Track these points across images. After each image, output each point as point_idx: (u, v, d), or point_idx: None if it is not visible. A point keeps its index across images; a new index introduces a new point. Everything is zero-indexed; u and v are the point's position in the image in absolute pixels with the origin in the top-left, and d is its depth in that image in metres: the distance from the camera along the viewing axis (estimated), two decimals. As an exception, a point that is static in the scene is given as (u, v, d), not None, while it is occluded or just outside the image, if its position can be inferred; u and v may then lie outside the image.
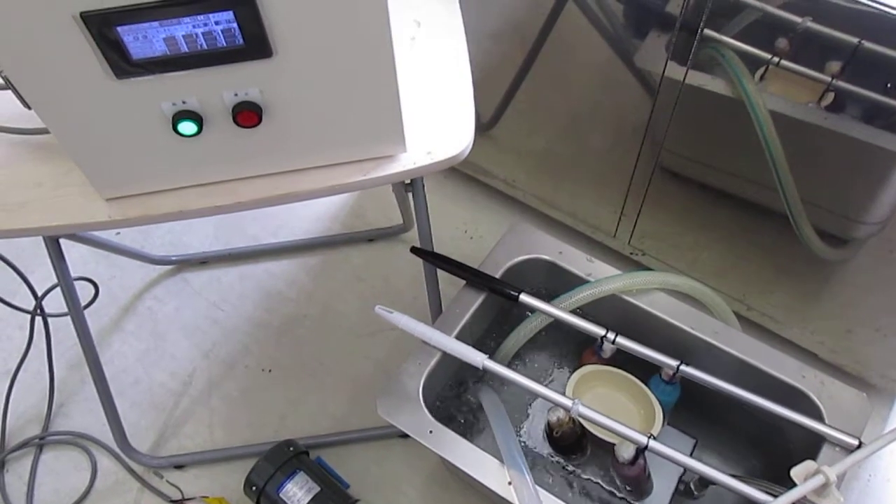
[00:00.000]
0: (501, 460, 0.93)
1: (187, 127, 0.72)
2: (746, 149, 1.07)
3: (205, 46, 0.66)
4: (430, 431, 0.97)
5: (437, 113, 0.87)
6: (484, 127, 1.45)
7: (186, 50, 0.65)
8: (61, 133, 0.72)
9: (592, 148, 1.31)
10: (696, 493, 1.06)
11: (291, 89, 0.72)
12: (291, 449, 1.19)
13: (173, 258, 1.54)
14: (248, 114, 0.71)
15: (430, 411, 0.99)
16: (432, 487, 1.25)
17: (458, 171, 1.60)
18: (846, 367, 1.27)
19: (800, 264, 1.19)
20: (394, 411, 0.98)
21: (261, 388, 1.38)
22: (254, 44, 0.66)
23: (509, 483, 0.91)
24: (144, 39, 0.64)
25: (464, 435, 0.96)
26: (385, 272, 1.51)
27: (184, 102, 0.71)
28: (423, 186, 1.04)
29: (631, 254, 1.42)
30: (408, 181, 1.05)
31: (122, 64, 0.65)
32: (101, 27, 0.62)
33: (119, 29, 0.63)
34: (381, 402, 0.99)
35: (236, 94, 0.71)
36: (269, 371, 1.40)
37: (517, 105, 1.35)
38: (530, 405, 1.21)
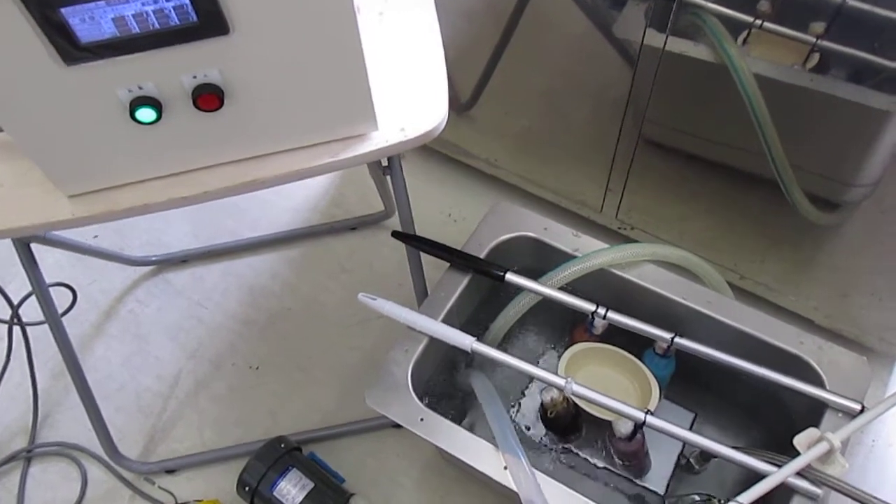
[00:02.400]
0: (496, 445, 0.91)
1: (146, 114, 0.68)
2: (732, 115, 1.04)
3: (157, 25, 0.62)
4: (421, 419, 0.94)
5: (408, 88, 0.83)
6: (463, 107, 1.42)
7: (137, 30, 0.62)
8: (12, 127, 0.69)
9: (574, 123, 1.28)
10: (696, 467, 1.04)
11: (253, 69, 0.69)
12: (283, 446, 1.17)
13: (153, 258, 1.51)
14: (208, 97, 0.68)
15: (421, 398, 0.96)
16: (429, 476, 1.23)
17: (438, 154, 1.57)
18: (844, 332, 1.25)
19: (791, 230, 1.17)
20: (383, 401, 0.96)
21: (249, 386, 1.35)
22: (209, 20, 0.63)
23: (505, 467, 0.88)
24: (91, 21, 0.60)
25: (457, 421, 0.93)
26: (369, 260, 1.48)
27: (140, 88, 0.67)
28: (401, 168, 1.01)
29: (619, 228, 1.40)
30: (385, 163, 1.02)
31: (70, 49, 0.62)
32: (43, 10, 0.59)
33: (63, 11, 0.59)
34: (369, 392, 0.97)
35: (195, 77, 0.68)
36: (257, 368, 1.37)
37: (495, 84, 1.33)
38: (524, 388, 1.19)
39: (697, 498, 0.95)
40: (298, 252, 1.52)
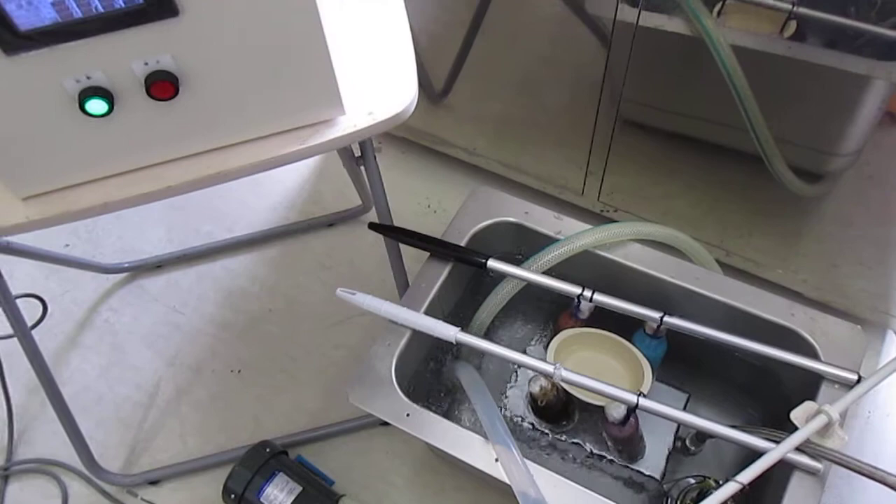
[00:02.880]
0: (486, 437, 0.88)
1: (96, 105, 0.65)
2: (711, 89, 1.02)
3: (100, 9, 0.58)
4: (408, 415, 0.91)
5: (375, 70, 0.80)
6: (438, 96, 1.39)
7: (80, 14, 0.58)
8: (-45, 126, 0.64)
9: (551, 106, 1.26)
10: (692, 448, 1.01)
11: (207, 53, 0.65)
12: (268, 450, 1.13)
13: (126, 265, 1.47)
14: (162, 84, 0.64)
15: (407, 393, 0.93)
16: (421, 473, 1.19)
17: (415, 145, 1.54)
18: (834, 304, 1.23)
19: (776, 204, 1.15)
20: (367, 398, 0.92)
21: (231, 391, 1.31)
22: (156, 2, 0.59)
23: (496, 460, 0.86)
24: (29, 6, 0.56)
25: (445, 415, 0.90)
26: (349, 256, 1.45)
27: (88, 77, 0.63)
28: (375, 157, 0.98)
29: (602, 211, 1.37)
30: (358, 153, 0.99)
31: (9, 37, 0.58)
32: (-25, -4, 0.55)
33: (-3, -4, 0.55)
34: (352, 389, 0.93)
35: (146, 64, 0.64)
36: (238, 372, 1.34)
37: (469, 70, 1.30)
38: (512, 378, 1.16)
39: (693, 481, 0.93)
40: (276, 252, 1.48)
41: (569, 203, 1.40)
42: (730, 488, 0.75)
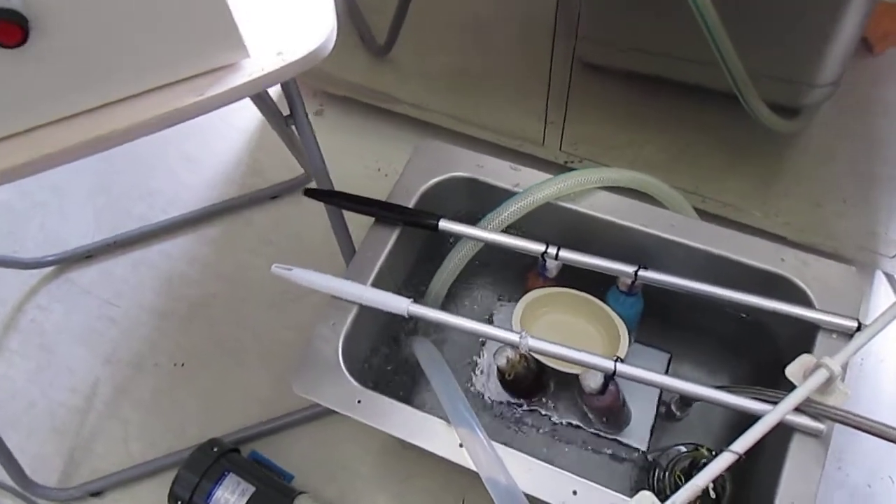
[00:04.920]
0: (448, 420, 0.77)
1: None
2: (676, 23, 0.93)
3: None
4: (359, 401, 0.80)
5: (282, 1, 0.68)
6: (381, 50, 1.28)
7: None
8: None
9: (502, 51, 1.15)
10: (678, 413, 0.93)
11: (60, -17, 0.52)
12: (216, 450, 1.02)
13: (51, 258, 1.33)
14: (5, 26, 0.52)
15: (360, 377, 0.83)
16: (387, 461, 1.10)
17: (359, 104, 1.42)
18: (819, 246, 1.16)
19: (752, 143, 1.07)
20: (312, 386, 0.82)
21: (176, 386, 1.20)
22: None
23: (460, 445, 0.76)
24: None
25: (409, 398, 0.80)
26: (296, 230, 1.33)
27: None
28: (305, 111, 0.86)
29: (566, 162, 1.27)
30: (287, 112, 0.87)
31: None
32: None
33: None
34: (295, 377, 0.83)
35: (-16, 2, 0.51)
36: (182, 365, 1.22)
37: (412, 20, 1.19)
38: (479, 351, 1.05)
39: (684, 449, 0.84)
40: (217, 231, 1.36)
41: (530, 156, 1.30)
42: (725, 459, 0.66)
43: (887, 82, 0.88)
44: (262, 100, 0.86)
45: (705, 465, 0.76)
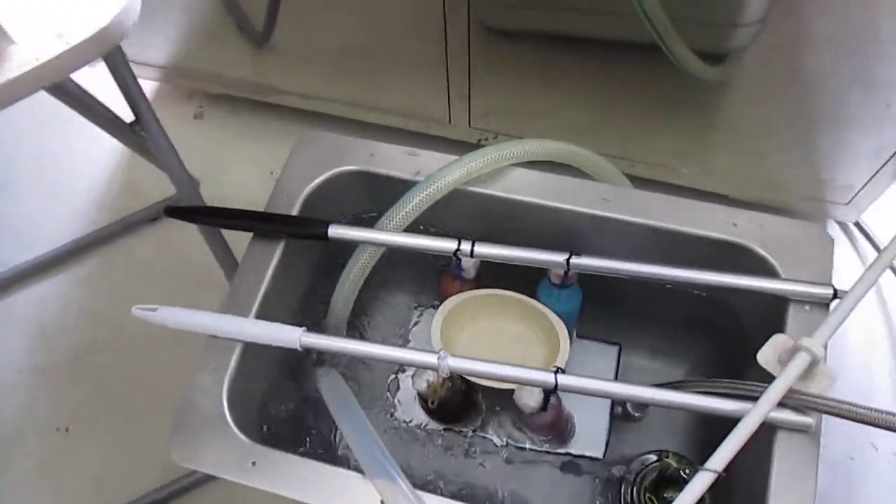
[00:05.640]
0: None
1: None
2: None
3: None
4: (253, 463, 0.65)
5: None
6: (261, 38, 1.13)
7: None
8: None
9: (390, 23, 1.02)
10: (636, 414, 0.80)
11: None
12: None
13: None
14: None
15: (255, 430, 0.68)
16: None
17: (243, 101, 1.26)
18: (765, 201, 1.07)
19: (680, 97, 0.98)
20: (194, 449, 0.66)
21: (62, 454, 1.02)
22: None
23: (381, 502, 0.61)
24: None
25: (328, 444, 0.65)
26: (183, 254, 1.15)
27: None
28: (154, 114, 0.70)
29: (480, 140, 1.14)
30: (132, 118, 0.71)
31: None
32: None
33: None
34: (174, 442, 0.67)
35: None
36: (67, 430, 1.05)
37: (291, 2, 1.04)
38: (402, 367, 0.90)
39: (653, 458, 0.71)
40: (91, 266, 1.17)
41: (440, 138, 1.16)
42: (701, 481, 0.53)
43: (813, 14, 0.80)
44: (84, 105, 0.68)
45: (675, 477, 0.64)
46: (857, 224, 1.11)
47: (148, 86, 1.33)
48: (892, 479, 0.93)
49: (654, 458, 0.71)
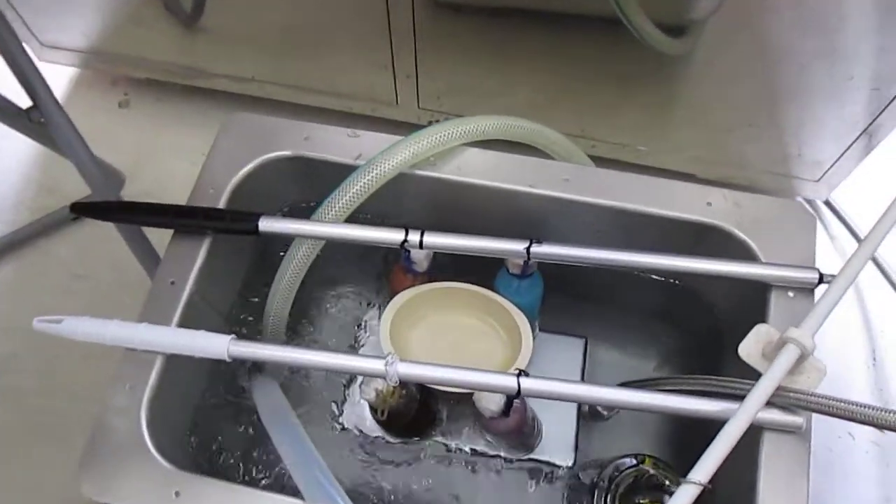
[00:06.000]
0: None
1: None
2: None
3: None
4: (177, 493, 0.57)
5: None
6: (189, 18, 1.05)
7: None
8: None
9: (331, 0, 0.94)
10: (605, 413, 0.74)
11: None
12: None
13: None
14: None
15: (181, 454, 0.60)
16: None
17: (172, 86, 1.17)
18: (734, 180, 1.03)
19: (641, 72, 0.94)
20: (108, 481, 0.58)
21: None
22: None
23: (324, 531, 0.54)
24: None
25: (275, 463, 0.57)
26: (110, 254, 1.05)
27: None
28: (54, 98, 0.62)
29: (430, 122, 1.06)
30: (29, 104, 0.63)
31: None
32: None
33: None
34: (84, 470, 0.58)
35: None
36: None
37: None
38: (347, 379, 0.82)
39: (628, 462, 0.65)
40: (7, 272, 1.06)
41: (387, 120, 1.09)
42: (688, 493, 0.47)
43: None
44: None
45: (651, 483, 0.58)
46: (827, 203, 1.06)
47: (66, 72, 1.22)
48: (871, 469, 0.89)
49: (630, 462, 0.65)
